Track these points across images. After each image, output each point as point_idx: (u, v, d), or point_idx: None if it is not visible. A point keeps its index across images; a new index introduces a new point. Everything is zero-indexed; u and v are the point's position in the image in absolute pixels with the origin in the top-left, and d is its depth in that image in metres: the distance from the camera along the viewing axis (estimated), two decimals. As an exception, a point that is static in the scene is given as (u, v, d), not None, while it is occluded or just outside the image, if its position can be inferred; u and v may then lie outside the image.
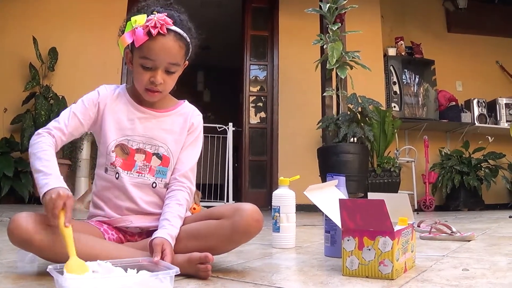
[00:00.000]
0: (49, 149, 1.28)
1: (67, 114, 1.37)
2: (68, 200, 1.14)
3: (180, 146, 1.48)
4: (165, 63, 1.34)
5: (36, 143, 1.28)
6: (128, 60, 1.41)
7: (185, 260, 1.23)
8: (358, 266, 1.23)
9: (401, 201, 1.53)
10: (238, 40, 6.21)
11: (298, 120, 5.57)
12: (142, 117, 1.43)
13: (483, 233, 2.41)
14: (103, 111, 1.41)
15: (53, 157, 1.27)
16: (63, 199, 1.13)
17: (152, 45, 1.31)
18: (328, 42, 4.03)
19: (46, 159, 1.24)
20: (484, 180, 5.50)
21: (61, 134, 1.34)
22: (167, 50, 1.33)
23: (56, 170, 1.23)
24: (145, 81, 1.35)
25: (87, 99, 1.41)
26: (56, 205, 1.12)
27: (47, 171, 1.21)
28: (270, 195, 2.12)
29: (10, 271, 1.27)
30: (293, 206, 1.95)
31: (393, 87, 5.88)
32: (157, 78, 1.34)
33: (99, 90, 1.44)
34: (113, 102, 1.43)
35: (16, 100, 4.82)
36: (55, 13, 5.21)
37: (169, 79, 1.38)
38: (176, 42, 1.34)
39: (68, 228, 1.11)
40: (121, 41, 1.35)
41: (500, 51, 6.54)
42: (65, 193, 1.14)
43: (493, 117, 6.05)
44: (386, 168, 4.92)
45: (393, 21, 6.29)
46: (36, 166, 1.23)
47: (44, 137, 1.30)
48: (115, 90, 1.46)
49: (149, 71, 1.34)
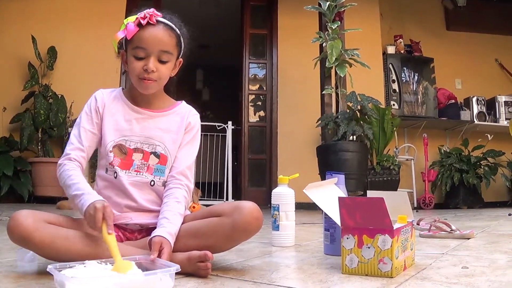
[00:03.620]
0: (74, 172, 1.33)
1: (77, 131, 1.41)
2: (105, 210, 1.20)
3: (178, 145, 1.48)
4: (156, 51, 1.36)
5: (61, 174, 1.34)
6: (124, 61, 1.44)
7: (185, 258, 1.23)
8: (358, 264, 1.23)
9: (400, 199, 1.53)
10: (237, 38, 6.20)
11: (297, 119, 5.56)
12: (139, 118, 1.45)
13: (482, 231, 2.41)
14: (102, 114, 1.44)
15: (80, 177, 1.33)
16: (101, 211, 1.19)
17: (142, 34, 1.35)
18: (328, 40, 4.03)
19: (74, 182, 1.30)
20: (483, 178, 5.50)
21: (80, 152, 1.38)
22: (158, 37, 1.36)
23: (86, 187, 1.29)
24: (138, 70, 1.37)
25: (88, 108, 1.44)
26: (96, 219, 1.18)
27: (79, 193, 1.27)
28: (269, 193, 2.12)
29: (9, 270, 1.28)
30: (293, 204, 1.95)
31: (392, 85, 5.87)
32: (149, 65, 1.35)
33: (95, 96, 1.46)
34: (110, 104, 1.45)
35: (15, 99, 4.81)
36: (54, 12, 5.20)
37: (162, 67, 1.39)
38: (166, 31, 1.38)
39: (111, 235, 1.18)
40: (114, 39, 1.39)
41: (499, 49, 6.53)
42: (101, 205, 1.20)
43: (492, 115, 6.04)
44: (386, 166, 4.92)
45: (392, 19, 6.28)
46: (70, 193, 1.30)
47: (65, 166, 1.35)
48: (111, 93, 1.48)
49: (141, 60, 1.37)
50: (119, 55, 1.45)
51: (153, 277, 1.04)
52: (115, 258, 1.13)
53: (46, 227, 1.19)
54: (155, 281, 1.04)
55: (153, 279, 1.04)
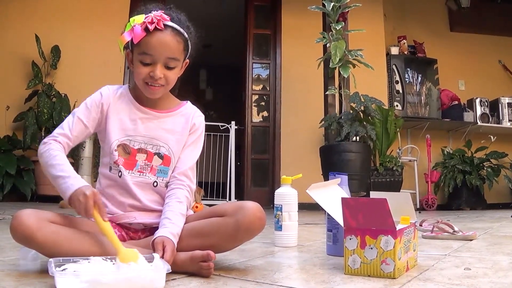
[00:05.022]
0: (59, 153, 1.30)
1: (71, 119, 1.39)
2: (96, 197, 1.18)
3: (182, 146, 1.48)
4: (163, 58, 1.35)
5: (45, 152, 1.31)
6: (129, 61, 1.42)
7: (188, 258, 1.23)
8: (360, 264, 1.23)
9: (403, 200, 1.53)
10: (241, 38, 6.21)
11: (300, 119, 5.56)
12: (144, 118, 1.44)
13: (485, 232, 2.41)
14: (107, 112, 1.42)
15: (65, 159, 1.30)
16: (91, 198, 1.17)
17: (149, 40, 1.33)
18: (331, 41, 4.02)
19: (60, 163, 1.27)
20: (486, 179, 5.49)
21: (67, 139, 1.36)
22: (165, 44, 1.34)
23: (72, 170, 1.27)
24: (144, 75, 1.35)
25: (90, 101, 1.42)
26: (88, 207, 1.16)
27: (64, 174, 1.24)
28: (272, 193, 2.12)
29: (12, 269, 1.28)
30: (295, 205, 1.95)
31: (395, 86, 5.87)
32: (156, 72, 1.34)
33: (101, 91, 1.45)
34: (116, 102, 1.44)
35: (18, 98, 4.83)
36: (58, 11, 5.22)
37: (169, 73, 1.37)
38: (174, 37, 1.35)
39: (107, 222, 1.17)
40: (121, 40, 1.36)
41: (502, 50, 6.52)
42: (91, 192, 1.18)
43: (496, 116, 6.02)
44: (389, 167, 4.91)
45: (396, 20, 6.28)
46: (52, 173, 1.27)
47: (51, 144, 1.32)
48: (117, 90, 1.47)
49: (148, 66, 1.35)
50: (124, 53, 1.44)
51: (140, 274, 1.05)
52: (116, 246, 1.13)
53: (49, 226, 1.18)
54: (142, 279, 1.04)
55: (139, 277, 1.04)
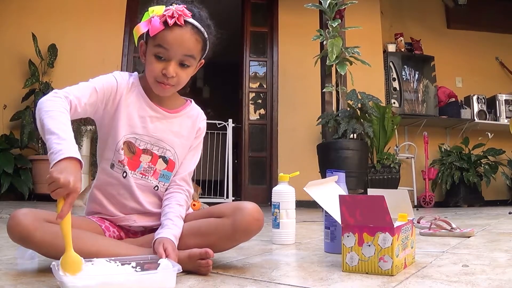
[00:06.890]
0: (66, 112, 1.14)
1: (89, 87, 1.27)
2: (73, 193, 1.00)
3: (186, 150, 1.47)
4: (179, 55, 1.29)
5: (50, 101, 1.15)
6: (142, 52, 1.36)
7: (186, 256, 1.23)
8: (358, 262, 1.23)
9: (401, 197, 1.53)
10: (238, 36, 6.20)
11: (297, 117, 5.57)
12: (153, 116, 1.39)
13: (482, 229, 2.41)
14: (118, 103, 1.34)
15: (69, 122, 1.13)
16: (68, 190, 0.99)
17: (167, 35, 1.26)
18: (328, 38, 4.02)
19: (62, 121, 1.10)
20: (483, 176, 5.51)
21: (78, 104, 1.21)
22: (183, 41, 1.28)
23: (72, 136, 1.08)
24: (156, 72, 1.29)
25: (107, 82, 1.31)
26: (58, 192, 0.99)
27: (62, 135, 1.06)
28: (269, 191, 2.12)
29: (10, 268, 1.27)
30: (293, 202, 1.95)
31: (392, 83, 5.87)
32: (169, 70, 1.28)
33: (116, 77, 1.34)
34: (127, 93, 1.36)
35: (15, 97, 4.82)
36: (54, 9, 5.20)
37: (182, 72, 1.32)
38: (193, 35, 1.30)
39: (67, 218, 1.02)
40: (136, 30, 1.30)
41: (499, 47, 6.53)
42: (75, 186, 0.99)
43: (493, 113, 6.04)
44: (386, 164, 4.93)
45: (393, 17, 6.28)
46: (48, 125, 1.08)
47: (61, 99, 1.17)
48: (129, 80, 1.38)
49: (162, 62, 1.29)
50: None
51: (151, 276, 1.03)
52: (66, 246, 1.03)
53: (46, 226, 1.15)
54: (153, 280, 1.03)
55: (151, 278, 1.03)
